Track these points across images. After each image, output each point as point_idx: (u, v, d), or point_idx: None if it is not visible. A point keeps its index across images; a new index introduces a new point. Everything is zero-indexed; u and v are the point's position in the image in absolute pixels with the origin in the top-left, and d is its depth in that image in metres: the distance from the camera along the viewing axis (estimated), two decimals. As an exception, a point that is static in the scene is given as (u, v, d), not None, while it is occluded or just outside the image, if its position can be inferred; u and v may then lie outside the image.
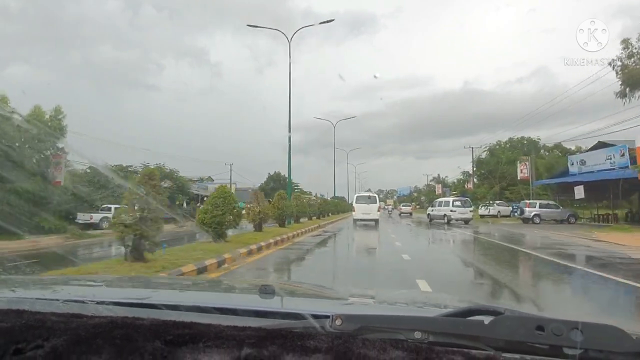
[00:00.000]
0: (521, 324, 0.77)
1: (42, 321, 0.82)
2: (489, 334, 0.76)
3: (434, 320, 0.87)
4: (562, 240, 16.60)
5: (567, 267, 9.99)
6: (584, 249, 13.78)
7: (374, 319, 0.87)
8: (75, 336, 0.75)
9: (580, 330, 0.71)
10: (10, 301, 1.02)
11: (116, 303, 1.05)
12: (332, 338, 0.75)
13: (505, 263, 10.81)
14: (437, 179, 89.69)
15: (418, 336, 0.78)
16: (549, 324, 0.73)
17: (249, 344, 0.72)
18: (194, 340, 0.74)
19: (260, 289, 1.33)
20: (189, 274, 7.53)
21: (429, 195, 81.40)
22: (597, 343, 0.72)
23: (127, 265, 7.50)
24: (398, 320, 0.87)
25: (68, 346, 0.73)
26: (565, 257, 11.46)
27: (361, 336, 0.77)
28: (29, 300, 1.04)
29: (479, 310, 0.90)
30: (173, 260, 8.25)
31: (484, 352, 0.74)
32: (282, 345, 0.72)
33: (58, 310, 0.93)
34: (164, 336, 0.75)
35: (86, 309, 0.96)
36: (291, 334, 0.76)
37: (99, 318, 0.84)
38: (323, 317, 0.84)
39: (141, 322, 0.82)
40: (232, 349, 0.72)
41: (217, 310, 1.05)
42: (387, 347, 0.72)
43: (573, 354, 0.71)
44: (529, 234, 20.49)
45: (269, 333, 0.77)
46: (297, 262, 11.03)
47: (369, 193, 31.95)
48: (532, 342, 0.73)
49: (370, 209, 27.53)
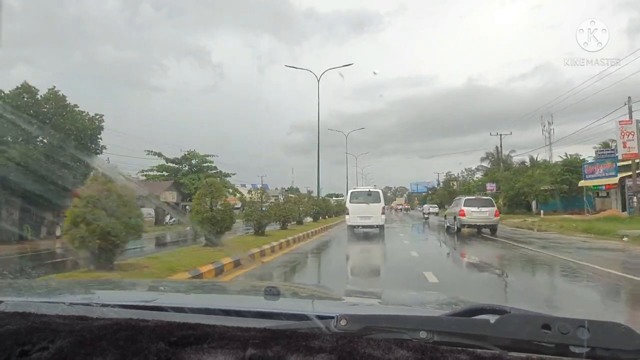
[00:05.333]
0: (527, 322, 0.77)
1: (47, 324, 0.82)
2: (494, 333, 0.75)
3: (439, 320, 0.86)
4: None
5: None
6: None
7: (378, 319, 0.86)
8: (80, 338, 0.75)
9: (587, 328, 0.71)
10: (16, 304, 1.03)
11: (121, 305, 1.05)
12: (336, 338, 0.75)
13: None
14: (450, 176, 79.74)
15: (423, 336, 0.77)
16: (555, 322, 0.73)
17: (254, 345, 0.72)
18: (199, 341, 0.74)
19: (265, 290, 1.33)
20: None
21: (452, 193, 65.12)
22: (604, 341, 0.71)
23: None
24: (403, 320, 0.87)
25: (73, 348, 0.73)
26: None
27: (366, 336, 0.77)
28: (35, 303, 1.04)
29: (484, 309, 0.89)
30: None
31: (490, 351, 0.73)
32: (286, 345, 0.72)
33: (63, 312, 0.93)
34: (169, 337, 0.75)
35: (91, 312, 0.96)
36: (296, 335, 0.76)
37: (103, 320, 0.84)
38: (328, 318, 0.84)
39: (145, 324, 0.82)
40: (237, 349, 0.72)
41: (222, 312, 1.05)
42: (392, 347, 0.71)
43: (580, 352, 0.70)
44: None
45: (274, 334, 0.77)
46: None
47: (368, 188, 21.52)
48: (538, 340, 0.73)
49: (371, 210, 19.01)
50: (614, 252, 12.53)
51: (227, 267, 8.54)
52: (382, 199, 19.90)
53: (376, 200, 19.39)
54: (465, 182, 69.10)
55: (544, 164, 44.43)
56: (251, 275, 8.77)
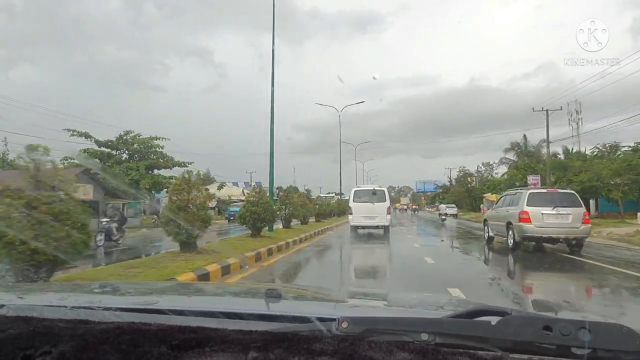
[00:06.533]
0: (528, 324, 0.77)
1: (49, 328, 0.82)
2: (496, 335, 0.75)
3: (440, 322, 0.86)
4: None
5: None
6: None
7: (380, 321, 0.86)
8: (83, 342, 0.76)
9: (588, 329, 0.71)
10: (18, 308, 1.03)
11: (123, 309, 1.05)
12: (338, 341, 0.75)
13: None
14: (464, 172, 70.03)
15: (424, 338, 0.77)
16: (556, 323, 0.73)
17: (255, 348, 0.72)
18: (200, 344, 0.74)
19: (266, 293, 1.33)
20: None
21: (471, 191, 59.31)
22: (606, 342, 0.71)
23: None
24: (404, 322, 0.87)
25: (75, 352, 0.73)
26: None
27: (367, 338, 0.77)
28: (37, 307, 1.04)
29: (485, 311, 0.89)
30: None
31: (491, 352, 0.73)
32: (288, 348, 0.72)
33: (65, 316, 0.93)
34: (170, 341, 0.75)
35: (93, 315, 0.96)
36: (297, 337, 0.76)
37: (106, 324, 0.84)
38: (329, 320, 0.84)
39: (147, 327, 0.82)
40: (238, 352, 0.72)
41: (223, 315, 1.05)
42: (394, 349, 0.71)
43: (581, 353, 0.70)
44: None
45: (275, 336, 0.77)
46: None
47: (373, 186, 20.05)
48: (539, 342, 0.73)
49: (376, 210, 17.78)
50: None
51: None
52: (387, 198, 18.62)
53: (381, 200, 18.19)
54: (482, 179, 61.95)
55: (606, 152, 34.95)
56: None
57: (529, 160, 43.38)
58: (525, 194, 11.73)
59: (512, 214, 11.81)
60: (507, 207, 12.52)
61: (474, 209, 53.08)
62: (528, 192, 11.85)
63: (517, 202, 11.84)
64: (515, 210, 11.63)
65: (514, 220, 11.50)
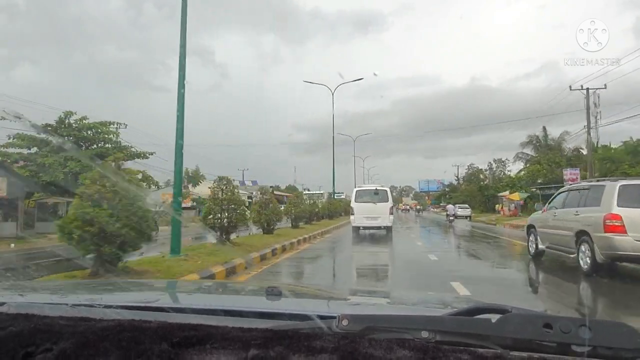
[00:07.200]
0: (529, 321, 0.77)
1: (50, 325, 0.82)
2: (496, 333, 0.76)
3: (440, 320, 0.86)
4: None
5: None
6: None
7: (380, 319, 0.87)
8: (83, 339, 0.76)
9: (589, 327, 0.71)
10: (19, 305, 1.03)
11: (123, 306, 1.06)
12: (338, 338, 0.75)
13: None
14: (474, 169, 64.17)
15: (425, 335, 0.77)
16: (556, 321, 0.73)
17: (256, 345, 0.72)
18: (201, 342, 0.75)
19: (266, 291, 1.33)
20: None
21: (484, 189, 52.63)
22: (606, 340, 0.71)
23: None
24: (404, 319, 0.87)
25: (76, 349, 0.73)
26: None
27: (368, 336, 0.77)
28: (38, 305, 1.05)
29: (485, 308, 0.89)
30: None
31: (492, 350, 0.73)
32: (288, 345, 0.72)
33: (66, 314, 0.93)
34: (171, 338, 0.75)
35: (94, 313, 0.96)
36: (297, 335, 0.77)
37: (106, 321, 0.84)
38: (329, 318, 0.84)
39: (148, 324, 0.82)
40: (239, 350, 0.72)
41: (224, 312, 1.05)
42: (394, 347, 0.72)
43: (582, 351, 0.70)
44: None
45: (276, 334, 0.77)
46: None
47: (375, 186, 19.94)
48: (540, 340, 0.73)
49: (378, 210, 17.50)
50: None
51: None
52: (390, 198, 18.51)
53: (384, 200, 17.94)
54: (494, 176, 56.34)
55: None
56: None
57: (552, 154, 38.55)
58: (611, 188, 7.48)
59: (587, 218, 7.74)
60: (575, 207, 8.36)
61: (487, 209, 47.90)
62: (618, 184, 7.48)
63: (596, 200, 7.68)
64: (594, 213, 7.55)
65: (594, 229, 7.40)
